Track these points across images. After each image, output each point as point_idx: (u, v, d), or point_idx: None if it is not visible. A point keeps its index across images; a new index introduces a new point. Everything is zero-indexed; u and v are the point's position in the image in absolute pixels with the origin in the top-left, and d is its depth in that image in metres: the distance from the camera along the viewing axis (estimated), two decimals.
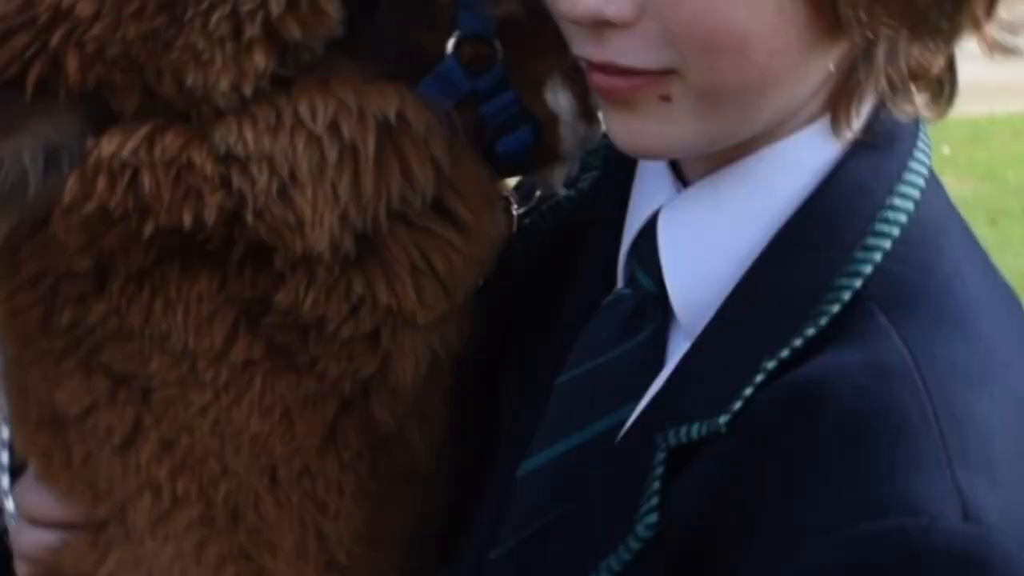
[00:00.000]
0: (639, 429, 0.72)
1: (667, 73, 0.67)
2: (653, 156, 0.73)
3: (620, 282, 0.79)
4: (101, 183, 0.70)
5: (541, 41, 0.75)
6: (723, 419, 0.66)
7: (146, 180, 0.69)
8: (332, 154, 0.71)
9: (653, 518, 0.67)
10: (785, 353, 0.66)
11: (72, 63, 0.70)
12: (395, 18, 0.74)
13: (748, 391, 0.66)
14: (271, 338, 0.75)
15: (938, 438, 0.62)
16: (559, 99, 0.78)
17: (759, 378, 0.66)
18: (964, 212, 0.77)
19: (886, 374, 0.64)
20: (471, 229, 0.77)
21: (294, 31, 0.70)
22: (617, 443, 0.73)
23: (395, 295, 0.75)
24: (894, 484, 0.61)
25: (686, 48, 0.65)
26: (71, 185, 0.71)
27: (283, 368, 0.76)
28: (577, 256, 0.81)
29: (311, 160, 0.70)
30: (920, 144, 0.72)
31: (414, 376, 0.78)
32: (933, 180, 0.72)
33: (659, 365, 0.74)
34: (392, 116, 0.72)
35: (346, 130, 0.71)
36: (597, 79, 0.69)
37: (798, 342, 0.66)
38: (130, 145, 0.70)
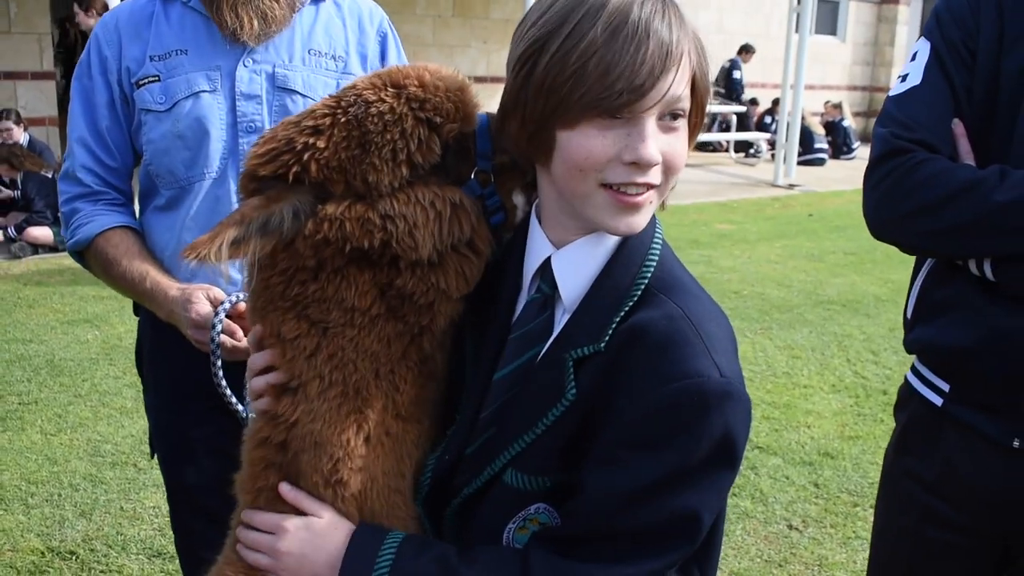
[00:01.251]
0: (550, 354, 1.30)
1: (655, 188, 1.25)
2: (635, 232, 1.27)
3: (527, 290, 1.38)
4: (325, 226, 1.30)
5: (513, 174, 1.39)
6: (602, 344, 1.25)
7: (347, 225, 1.29)
8: (431, 215, 1.31)
9: (574, 390, 1.25)
10: (622, 313, 1.26)
11: (313, 168, 1.29)
12: (453, 161, 1.36)
13: (610, 330, 1.25)
14: (389, 302, 1.35)
15: (702, 343, 1.21)
16: (517, 199, 1.42)
17: (614, 324, 1.25)
18: None
19: (672, 317, 1.23)
20: (483, 255, 1.38)
21: (419, 159, 1.31)
22: (539, 361, 1.32)
23: (447, 283, 1.35)
24: (686, 364, 1.19)
25: (668, 176, 1.25)
26: (309, 226, 1.30)
27: (391, 318, 1.36)
28: (499, 280, 1.42)
29: (422, 217, 1.31)
30: (655, 215, 1.34)
31: (444, 326, 1.39)
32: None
33: (552, 326, 1.34)
34: (457, 200, 1.34)
35: (437, 205, 1.32)
36: (629, 199, 1.23)
37: (626, 308, 1.26)
38: (340, 209, 1.30)
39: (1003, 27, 1.75)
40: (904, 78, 1.86)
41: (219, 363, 2.01)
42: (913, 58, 1.87)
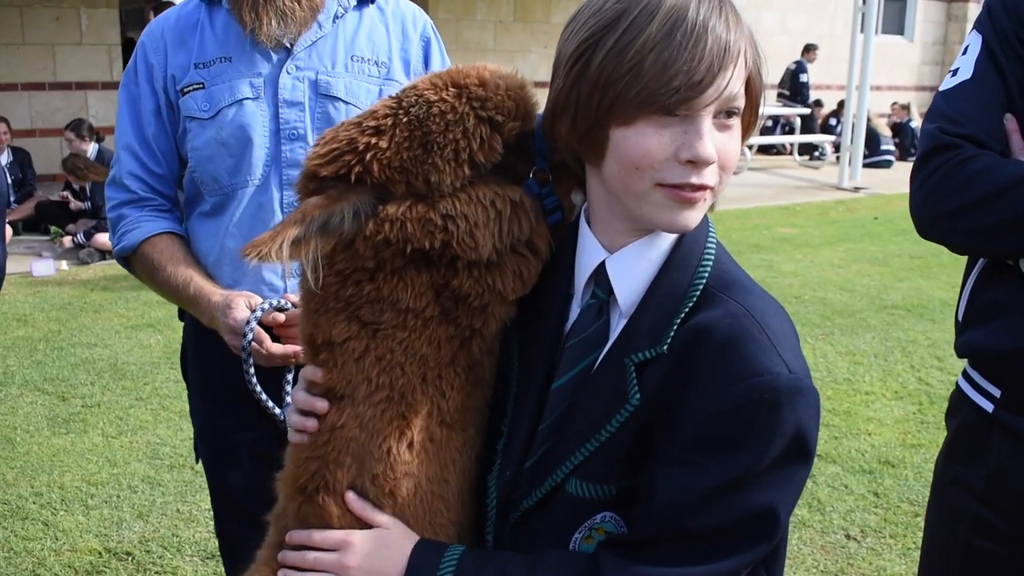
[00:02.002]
0: (610, 359, 1.28)
1: (710, 188, 1.22)
2: (690, 229, 1.26)
3: (579, 296, 1.36)
4: (386, 226, 1.29)
5: (570, 172, 1.36)
6: (664, 346, 1.23)
7: (408, 226, 1.28)
8: (492, 214, 1.30)
9: (638, 395, 1.23)
10: (682, 315, 1.25)
11: (375, 169, 1.29)
12: (513, 160, 1.34)
13: (672, 332, 1.24)
14: (443, 304, 1.33)
15: (767, 339, 1.19)
16: (576, 198, 1.39)
17: (675, 326, 1.24)
18: None
19: (735, 315, 1.22)
20: (541, 255, 1.37)
21: (481, 159, 1.30)
22: (598, 367, 1.30)
23: (503, 284, 1.33)
24: (754, 362, 1.17)
25: (722, 174, 1.23)
26: (370, 226, 1.30)
27: (443, 320, 1.34)
28: (548, 287, 1.40)
29: (483, 217, 1.29)
30: (707, 215, 1.33)
31: (495, 330, 1.38)
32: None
33: (608, 331, 1.32)
34: (517, 198, 1.32)
35: (498, 204, 1.31)
36: (686, 195, 1.21)
37: (686, 309, 1.25)
38: (402, 209, 1.29)
39: None
40: (955, 72, 1.81)
41: (252, 368, 2.03)
42: (964, 52, 1.82)
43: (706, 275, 1.27)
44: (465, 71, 1.34)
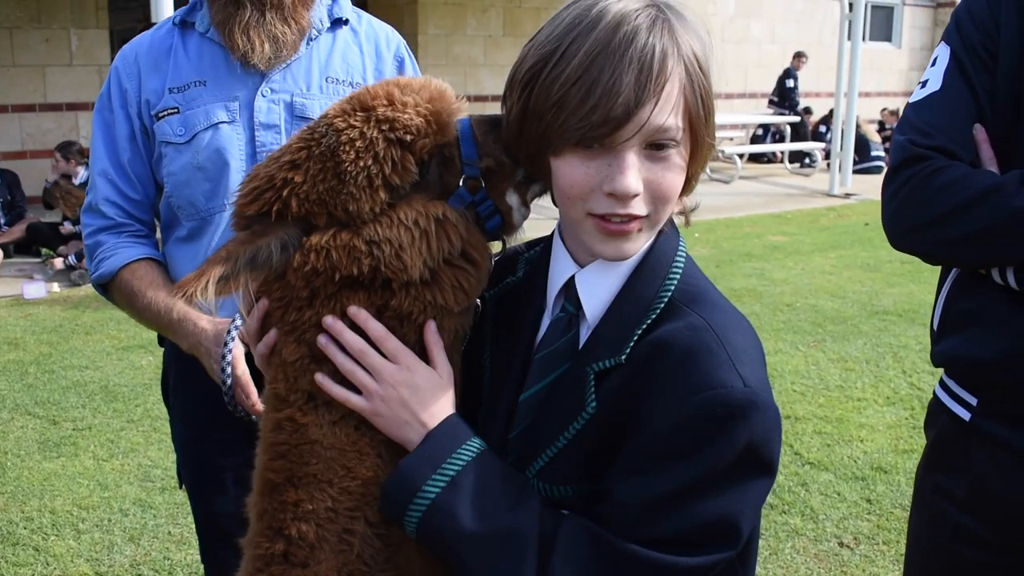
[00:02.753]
0: (573, 368, 1.30)
1: (644, 217, 1.25)
2: (625, 259, 1.30)
3: (551, 310, 1.39)
4: (312, 256, 1.29)
5: (502, 175, 1.37)
6: (623, 356, 1.26)
7: (333, 254, 1.29)
8: (416, 234, 1.29)
9: (594, 404, 1.26)
10: (644, 326, 1.27)
11: (293, 204, 1.30)
12: (437, 172, 1.35)
13: (632, 342, 1.26)
14: (387, 323, 1.33)
15: (725, 353, 1.21)
16: (511, 199, 1.39)
17: (635, 337, 1.26)
18: None
19: (695, 328, 1.24)
20: (479, 265, 1.36)
21: (396, 181, 1.29)
22: (562, 376, 1.32)
23: (444, 298, 1.33)
24: (710, 375, 1.19)
25: (656, 205, 1.25)
26: (297, 258, 1.31)
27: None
28: (523, 301, 1.43)
29: (407, 238, 1.29)
30: (677, 229, 1.38)
31: (449, 342, 1.37)
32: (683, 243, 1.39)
33: (577, 344, 1.33)
34: (441, 215, 1.31)
35: (421, 223, 1.30)
36: (613, 226, 1.24)
37: (648, 321, 1.27)
38: (325, 238, 1.29)
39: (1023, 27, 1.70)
40: (924, 84, 1.82)
41: (231, 394, 2.02)
42: (933, 63, 1.83)
43: (672, 288, 1.30)
44: (373, 91, 1.33)
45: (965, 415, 1.79)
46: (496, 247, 1.45)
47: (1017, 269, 1.64)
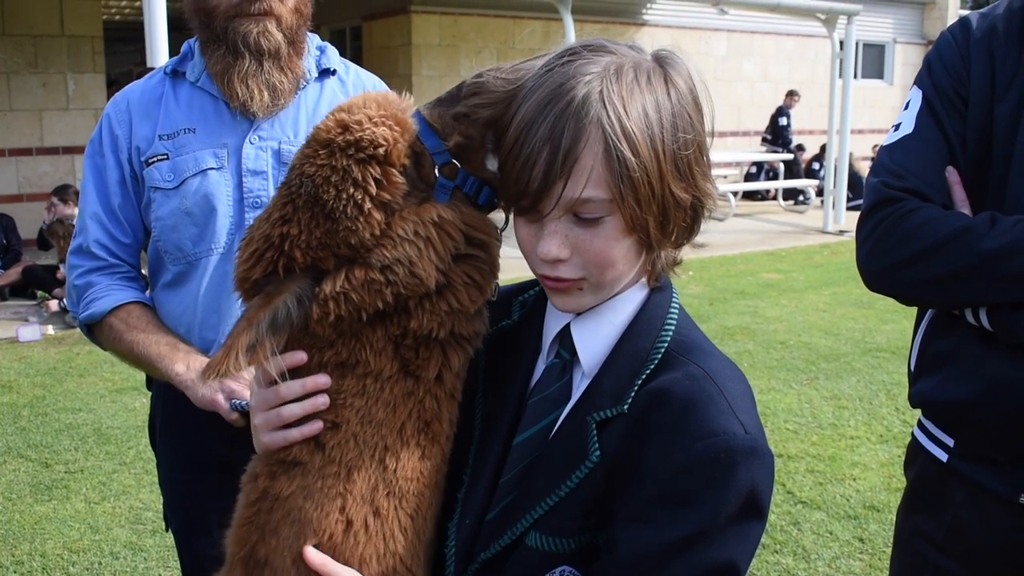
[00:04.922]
0: (571, 417, 1.32)
1: (581, 279, 1.29)
2: (574, 312, 1.35)
3: (546, 356, 1.41)
4: (331, 305, 1.30)
5: (473, 147, 1.36)
6: (625, 406, 1.28)
7: (354, 296, 1.29)
8: (421, 244, 1.30)
9: (597, 452, 1.27)
10: (644, 376, 1.30)
11: (298, 255, 1.30)
12: (415, 172, 1.34)
13: (633, 392, 1.29)
14: (403, 355, 1.35)
15: (725, 401, 1.24)
16: (491, 165, 1.37)
17: (636, 387, 1.29)
18: None
19: (694, 377, 1.27)
20: (487, 245, 1.37)
21: (387, 197, 1.30)
22: (561, 424, 1.33)
23: (459, 300, 1.34)
24: (713, 423, 1.21)
25: (590, 268, 1.28)
26: (315, 310, 1.31)
27: (402, 376, 1.36)
28: (518, 345, 1.46)
29: (414, 252, 1.29)
30: (671, 282, 1.41)
31: (462, 363, 1.39)
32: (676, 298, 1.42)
33: (571, 390, 1.36)
34: (435, 217, 1.32)
35: (421, 232, 1.30)
36: (550, 284, 1.31)
37: (647, 371, 1.30)
38: (339, 284, 1.29)
39: (994, 73, 1.73)
40: (897, 127, 1.85)
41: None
42: (906, 107, 1.86)
43: (668, 339, 1.33)
44: (325, 127, 1.33)
45: (943, 456, 1.81)
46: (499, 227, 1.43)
47: (989, 310, 1.66)
